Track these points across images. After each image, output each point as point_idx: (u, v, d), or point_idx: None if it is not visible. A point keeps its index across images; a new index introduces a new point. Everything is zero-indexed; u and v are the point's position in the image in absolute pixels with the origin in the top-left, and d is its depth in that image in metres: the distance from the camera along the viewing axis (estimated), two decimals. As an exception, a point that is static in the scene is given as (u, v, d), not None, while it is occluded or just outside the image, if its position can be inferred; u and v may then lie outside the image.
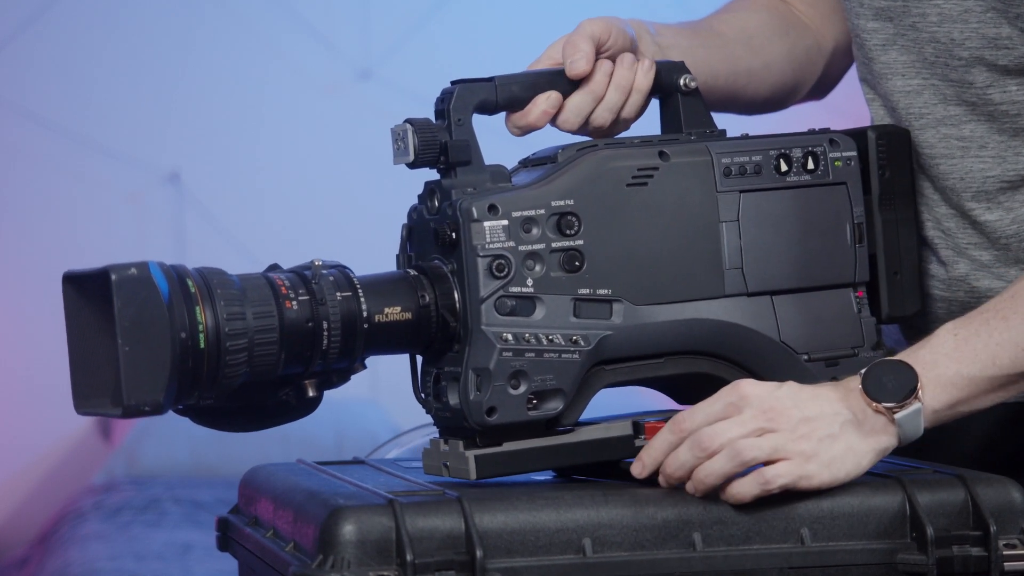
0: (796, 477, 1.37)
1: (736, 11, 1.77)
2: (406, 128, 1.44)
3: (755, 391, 1.38)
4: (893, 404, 1.39)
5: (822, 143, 1.50)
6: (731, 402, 1.38)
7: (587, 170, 1.43)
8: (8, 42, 5.13)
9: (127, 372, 1.31)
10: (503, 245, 1.40)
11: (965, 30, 1.55)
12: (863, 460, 1.39)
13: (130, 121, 5.23)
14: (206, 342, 1.34)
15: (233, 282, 1.37)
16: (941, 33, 1.57)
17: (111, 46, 5.23)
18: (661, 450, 1.40)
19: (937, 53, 1.58)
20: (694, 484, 1.38)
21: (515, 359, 1.39)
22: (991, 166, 1.59)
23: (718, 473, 1.37)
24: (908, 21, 1.60)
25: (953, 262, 1.62)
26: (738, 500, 1.37)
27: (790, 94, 1.78)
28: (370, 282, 1.42)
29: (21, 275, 5.13)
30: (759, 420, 1.37)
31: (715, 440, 1.37)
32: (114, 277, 1.31)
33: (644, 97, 1.54)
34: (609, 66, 1.52)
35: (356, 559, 1.30)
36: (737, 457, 1.36)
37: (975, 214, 1.60)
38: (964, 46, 1.56)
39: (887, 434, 1.40)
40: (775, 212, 1.48)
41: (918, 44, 1.59)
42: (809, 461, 1.37)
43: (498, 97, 1.48)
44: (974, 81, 1.57)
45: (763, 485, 1.36)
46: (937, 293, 1.64)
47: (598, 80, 1.52)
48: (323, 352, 1.39)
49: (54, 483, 5.14)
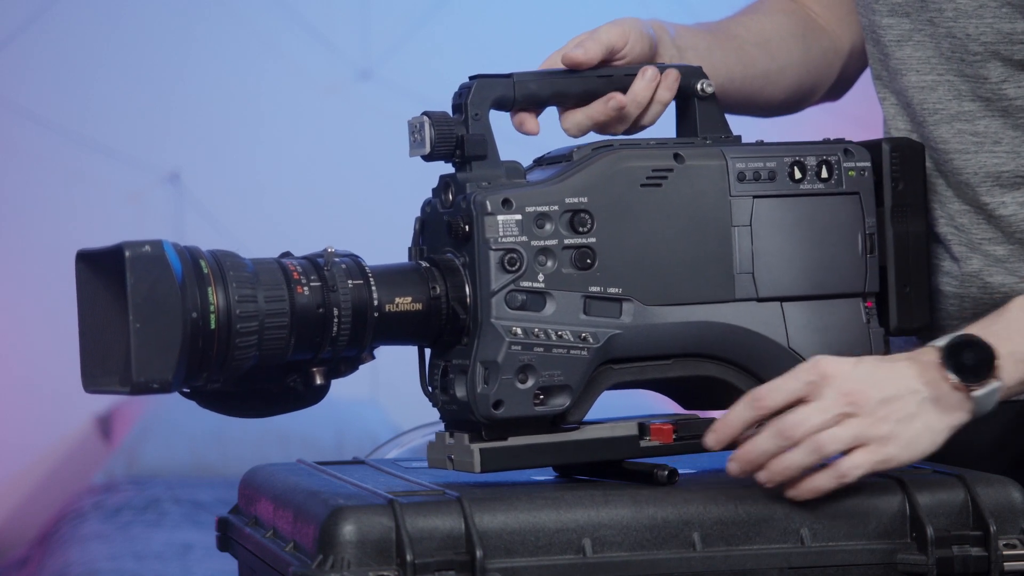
0: (874, 464, 1.37)
1: (753, 14, 1.77)
2: (423, 120, 1.44)
3: (835, 369, 1.37)
4: (973, 382, 1.38)
5: (836, 152, 1.50)
6: (811, 380, 1.37)
7: (602, 169, 1.43)
8: (8, 42, 5.13)
9: (137, 349, 1.31)
10: (516, 239, 1.40)
11: (980, 25, 1.56)
12: (939, 437, 1.38)
13: (130, 121, 5.23)
14: (217, 323, 1.34)
15: (246, 265, 1.38)
16: (957, 28, 1.57)
17: (111, 46, 5.23)
18: (736, 425, 1.39)
19: (953, 48, 1.59)
20: (770, 474, 1.37)
21: (523, 353, 1.39)
22: (1005, 161, 1.59)
23: (797, 466, 1.36)
24: (925, 16, 1.60)
25: (966, 258, 1.62)
26: (812, 495, 1.37)
27: (806, 97, 1.79)
28: (382, 272, 1.42)
29: (21, 275, 5.12)
30: (840, 404, 1.36)
31: (798, 430, 1.35)
32: (128, 254, 1.32)
33: (663, 109, 1.54)
34: (619, 102, 1.51)
35: (356, 559, 1.30)
36: (819, 451, 1.36)
37: (990, 208, 1.60)
38: (979, 41, 1.56)
39: (963, 410, 1.39)
40: (787, 219, 1.48)
41: (934, 39, 1.60)
42: (887, 444, 1.36)
43: (516, 94, 1.48)
44: (989, 76, 1.57)
45: (840, 479, 1.36)
46: (949, 290, 1.64)
47: (599, 110, 1.52)
48: (332, 339, 1.40)
49: (54, 483, 5.14)
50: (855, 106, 1.97)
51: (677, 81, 1.53)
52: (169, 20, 5.27)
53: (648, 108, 1.53)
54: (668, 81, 1.53)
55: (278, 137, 5.34)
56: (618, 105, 1.51)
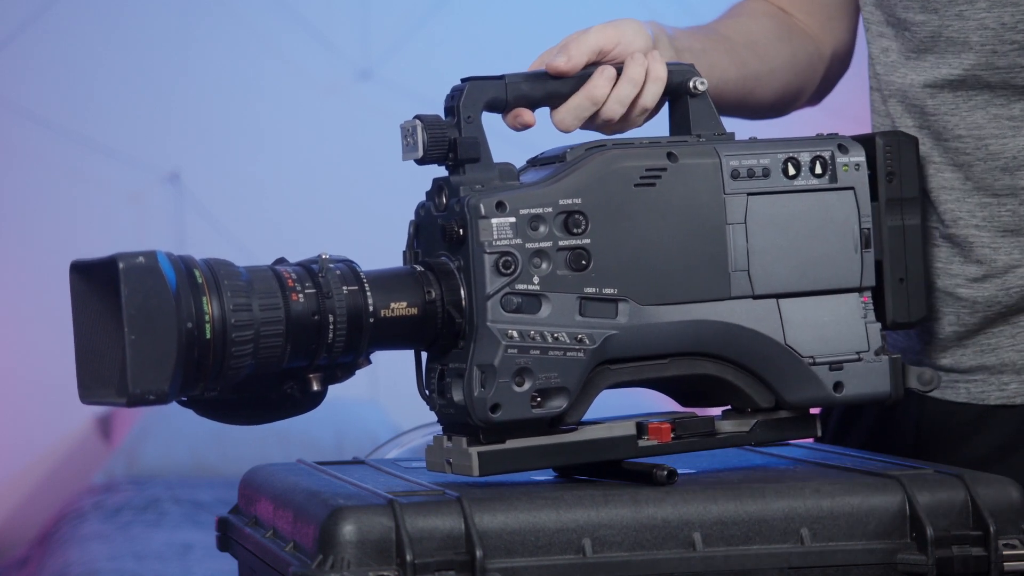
0: None
1: (738, 17, 1.77)
2: (415, 124, 1.44)
3: None
4: None
5: (830, 148, 1.50)
6: None
7: (595, 169, 1.43)
8: (8, 42, 5.13)
9: (133, 361, 1.31)
10: (510, 242, 1.40)
11: (1016, 12, 1.56)
12: None
13: (130, 121, 5.23)
14: (212, 332, 1.34)
15: (240, 274, 1.38)
16: (991, 19, 1.58)
17: (111, 46, 5.24)
18: None
19: (984, 40, 1.59)
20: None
21: (520, 356, 1.39)
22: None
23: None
24: (954, 10, 1.60)
25: (991, 260, 1.62)
26: None
27: (793, 99, 1.79)
28: (376, 277, 1.42)
29: (21, 275, 5.13)
30: None
31: None
32: (122, 265, 1.31)
33: (662, 86, 1.53)
34: (612, 72, 1.51)
35: (356, 559, 1.30)
36: None
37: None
38: (1017, 29, 1.57)
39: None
40: (782, 215, 1.48)
41: (963, 33, 1.60)
42: None
43: (508, 95, 1.48)
44: None
45: None
46: (965, 292, 1.64)
47: (596, 84, 1.51)
48: (328, 345, 1.39)
49: (54, 483, 5.14)
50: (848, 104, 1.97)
51: (663, 59, 1.53)
52: (169, 20, 5.28)
53: (644, 87, 1.52)
54: (657, 59, 1.52)
55: (278, 137, 5.34)
56: (612, 75, 1.51)
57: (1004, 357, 1.62)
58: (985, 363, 1.63)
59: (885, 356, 1.50)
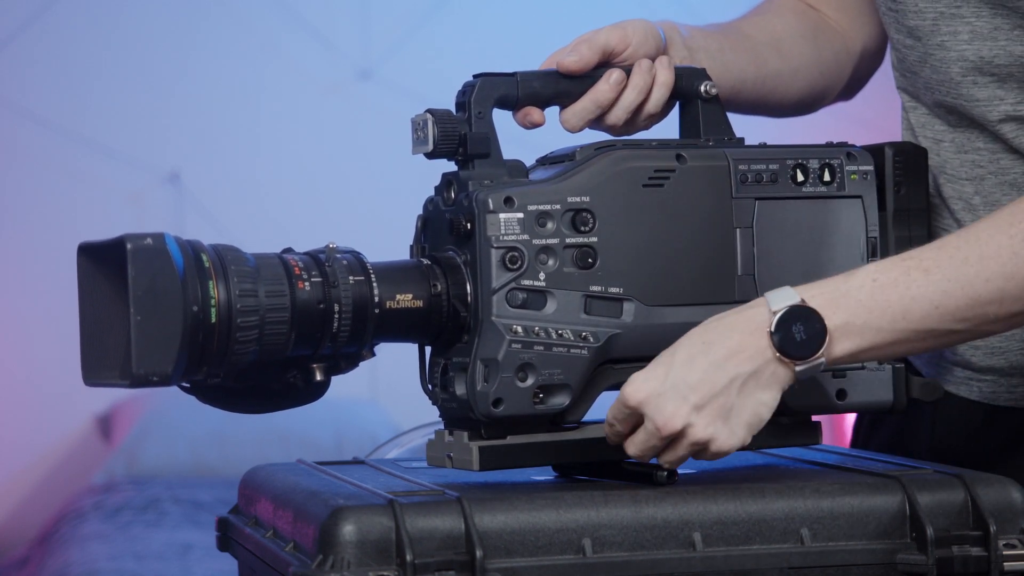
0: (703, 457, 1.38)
1: (763, 15, 1.76)
2: (427, 118, 1.44)
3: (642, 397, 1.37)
4: (797, 358, 1.37)
5: (839, 156, 1.50)
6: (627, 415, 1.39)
7: (604, 168, 1.43)
8: (8, 42, 5.13)
9: (138, 341, 1.31)
10: (517, 237, 1.40)
11: (994, 47, 1.55)
12: (762, 416, 1.38)
13: (130, 121, 5.23)
14: (217, 317, 1.34)
15: (247, 260, 1.38)
16: (971, 51, 1.56)
17: (111, 46, 5.23)
18: None
19: (964, 71, 1.57)
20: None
21: (524, 351, 1.39)
22: None
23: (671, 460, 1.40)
24: (936, 40, 1.59)
25: None
26: None
27: (819, 98, 1.77)
28: (383, 268, 1.42)
29: (21, 275, 5.13)
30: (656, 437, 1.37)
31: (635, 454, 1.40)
32: (129, 246, 1.32)
33: (668, 91, 1.53)
34: (619, 76, 1.51)
35: (356, 559, 1.30)
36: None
37: None
38: (994, 63, 1.55)
39: (783, 383, 1.38)
40: (789, 221, 1.48)
41: (944, 63, 1.59)
42: (712, 444, 1.37)
43: (519, 92, 1.48)
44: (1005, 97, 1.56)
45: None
46: None
47: (601, 89, 1.51)
48: (333, 335, 1.40)
49: (54, 483, 5.14)
50: (862, 108, 1.96)
51: (672, 64, 1.53)
52: (169, 20, 5.27)
53: (650, 94, 1.52)
54: (664, 64, 1.52)
55: (278, 137, 5.34)
56: (620, 80, 1.51)
57: (1013, 360, 1.62)
58: (994, 365, 1.63)
59: (888, 365, 1.50)
